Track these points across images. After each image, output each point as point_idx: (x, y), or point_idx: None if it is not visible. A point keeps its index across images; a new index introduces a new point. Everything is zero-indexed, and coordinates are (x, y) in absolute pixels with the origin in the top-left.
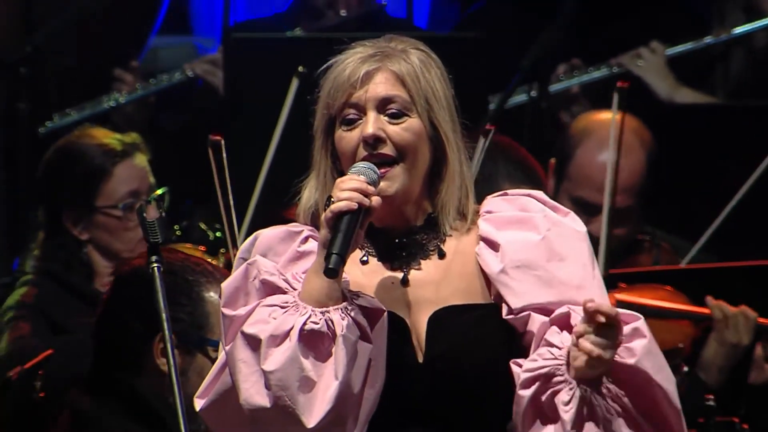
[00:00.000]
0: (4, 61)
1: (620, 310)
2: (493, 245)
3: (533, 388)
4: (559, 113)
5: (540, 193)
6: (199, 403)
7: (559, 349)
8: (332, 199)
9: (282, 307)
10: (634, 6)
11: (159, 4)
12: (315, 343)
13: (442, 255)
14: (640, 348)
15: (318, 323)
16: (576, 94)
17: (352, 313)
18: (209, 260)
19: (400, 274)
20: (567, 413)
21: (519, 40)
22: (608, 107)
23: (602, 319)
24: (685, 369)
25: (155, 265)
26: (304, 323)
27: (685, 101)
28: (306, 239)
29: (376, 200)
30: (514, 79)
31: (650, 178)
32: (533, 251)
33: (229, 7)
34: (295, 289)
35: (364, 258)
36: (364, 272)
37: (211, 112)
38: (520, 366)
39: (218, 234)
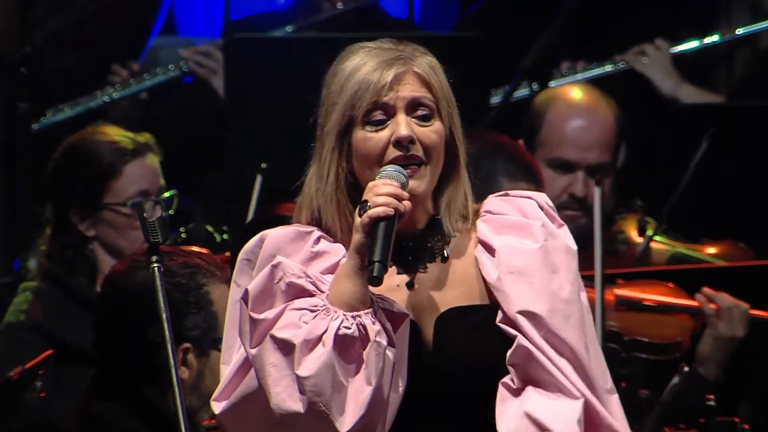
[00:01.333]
0: (4, 61)
1: None
2: (490, 249)
3: None
4: None
5: (541, 197)
6: (217, 407)
7: None
8: (368, 204)
9: (312, 311)
10: (638, 5)
11: (159, 4)
12: (347, 348)
13: (445, 258)
14: None
15: (350, 328)
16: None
17: (381, 318)
18: (203, 253)
19: (406, 277)
20: None
21: (519, 40)
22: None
23: None
24: (686, 369)
25: (155, 265)
26: (338, 328)
27: (689, 99)
28: (318, 239)
29: (407, 204)
30: (514, 80)
31: (621, 140)
32: (529, 259)
33: (229, 6)
34: (322, 292)
35: None
36: None
37: (206, 110)
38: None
39: (225, 236)
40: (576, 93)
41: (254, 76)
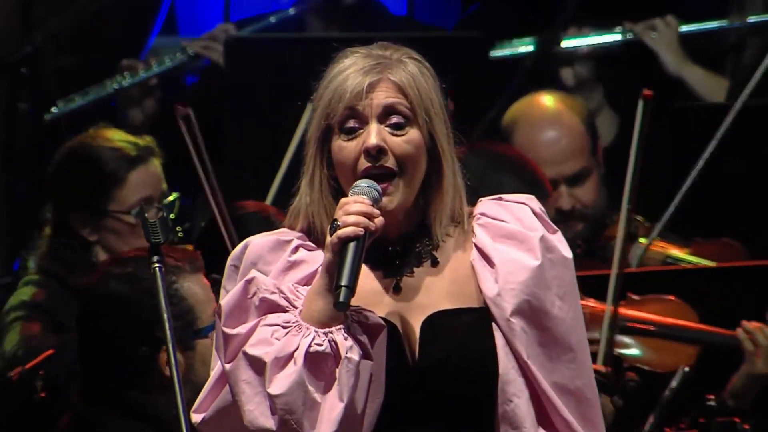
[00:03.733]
0: (4, 61)
1: None
2: (489, 260)
3: None
4: (560, 71)
5: (534, 202)
6: (197, 417)
7: None
8: (338, 223)
9: (284, 327)
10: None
11: (159, 4)
12: (318, 364)
13: (435, 262)
14: None
15: (322, 345)
16: (583, 54)
17: (354, 333)
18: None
19: (392, 281)
20: None
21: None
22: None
23: None
24: (686, 369)
25: (157, 265)
26: (309, 345)
27: (693, 79)
28: (296, 249)
29: (379, 221)
30: (514, 80)
31: (596, 140)
32: (527, 275)
33: (229, 6)
34: (295, 307)
35: None
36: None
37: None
38: None
39: None
40: (537, 106)
41: (254, 76)
